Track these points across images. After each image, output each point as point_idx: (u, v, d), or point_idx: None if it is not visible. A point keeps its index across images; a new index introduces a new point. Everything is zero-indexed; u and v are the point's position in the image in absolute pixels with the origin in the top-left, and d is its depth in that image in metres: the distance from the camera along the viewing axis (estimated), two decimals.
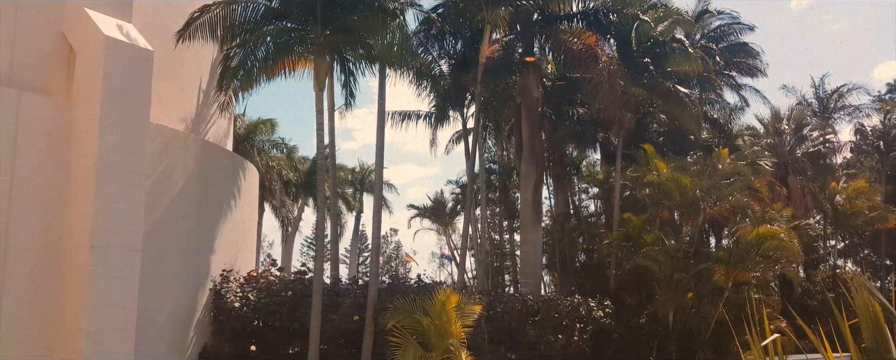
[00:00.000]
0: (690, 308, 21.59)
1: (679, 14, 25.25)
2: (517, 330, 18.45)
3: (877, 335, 3.64)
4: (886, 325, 3.69)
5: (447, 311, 13.77)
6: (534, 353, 18.47)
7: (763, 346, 3.75)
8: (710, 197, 22.45)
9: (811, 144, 34.26)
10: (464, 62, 21.35)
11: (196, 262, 15.69)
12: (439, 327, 13.82)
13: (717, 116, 31.76)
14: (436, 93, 22.80)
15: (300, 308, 15.78)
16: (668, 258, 21.22)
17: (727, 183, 22.44)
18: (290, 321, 15.83)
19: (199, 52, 16.18)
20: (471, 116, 22.16)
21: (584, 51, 20.65)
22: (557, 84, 24.92)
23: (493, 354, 17.69)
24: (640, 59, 22.82)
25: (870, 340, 3.64)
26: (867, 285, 3.76)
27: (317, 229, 16.53)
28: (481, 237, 24.72)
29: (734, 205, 22.77)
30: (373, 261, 17.20)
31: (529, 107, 22.60)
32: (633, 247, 23.02)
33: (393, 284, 18.78)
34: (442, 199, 36.44)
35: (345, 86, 16.45)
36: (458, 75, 21.93)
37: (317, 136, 15.81)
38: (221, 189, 16.86)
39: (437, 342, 13.75)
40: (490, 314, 18.03)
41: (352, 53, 16.36)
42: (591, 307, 20.59)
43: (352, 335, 16.03)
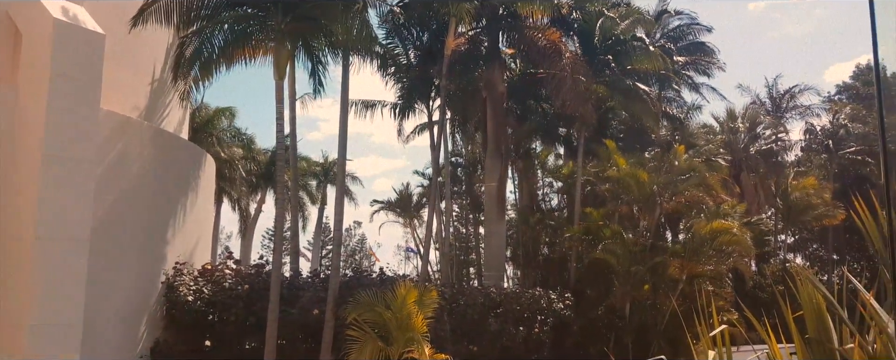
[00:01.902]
0: (646, 300, 21.98)
1: (640, 13, 25.62)
2: (480, 323, 18.50)
3: (819, 327, 3.73)
4: (829, 317, 3.77)
5: (408, 304, 13.68)
6: (495, 345, 18.55)
7: (711, 337, 3.81)
8: (667, 192, 22.87)
9: (764, 142, 35.21)
10: (429, 54, 21.25)
11: (148, 254, 15.22)
12: (401, 320, 13.73)
13: (675, 114, 32.33)
14: (402, 83, 22.66)
15: (257, 302, 15.45)
16: (626, 252, 21.56)
17: (683, 179, 22.89)
18: (247, 316, 15.49)
19: (155, 37, 15.66)
20: (436, 108, 22.08)
21: (549, 47, 20.75)
22: (522, 79, 24.98)
23: (456, 347, 17.67)
24: (602, 56, 23.09)
25: (813, 331, 3.73)
26: (812, 279, 3.82)
27: (276, 222, 16.21)
28: (446, 230, 24.68)
29: (690, 200, 23.25)
30: (334, 254, 16.96)
31: (495, 101, 22.60)
32: (593, 240, 23.33)
33: (355, 277, 18.56)
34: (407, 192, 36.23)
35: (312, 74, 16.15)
36: (424, 67, 21.82)
37: (276, 125, 15.48)
38: (176, 179, 16.39)
39: (399, 336, 13.65)
40: (453, 306, 18.03)
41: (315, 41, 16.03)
42: (551, 299, 20.79)
43: (311, 329, 15.78)
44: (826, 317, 3.73)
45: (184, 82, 15.75)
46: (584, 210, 23.96)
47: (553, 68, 20.90)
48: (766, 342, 3.81)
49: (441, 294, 16.44)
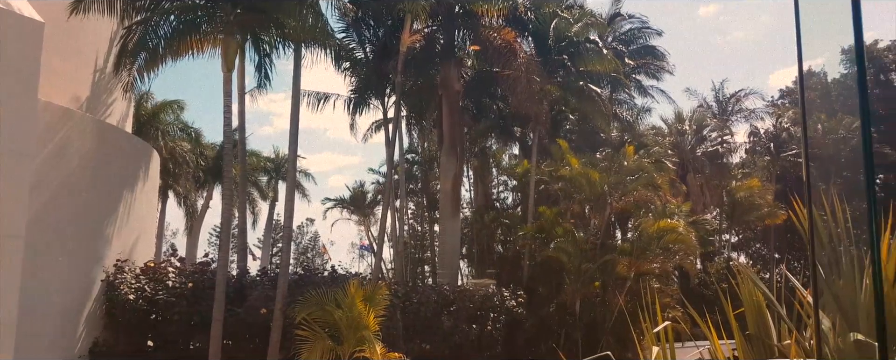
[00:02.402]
0: (596, 298, 22.32)
1: (593, 16, 25.98)
2: (433, 321, 18.46)
3: (759, 323, 3.82)
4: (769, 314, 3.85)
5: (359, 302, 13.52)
6: (448, 343, 18.55)
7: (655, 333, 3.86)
8: (617, 192, 23.26)
9: (710, 144, 36.24)
10: (385, 50, 21.08)
11: (87, 251, 14.64)
12: (351, 318, 13.56)
13: (625, 116, 32.96)
14: (356, 77, 22.41)
15: (202, 301, 15.04)
16: (577, 250, 21.85)
17: (632, 179, 23.33)
18: (191, 315, 15.07)
19: (98, 26, 15.06)
20: (392, 104, 21.92)
21: (504, 46, 20.83)
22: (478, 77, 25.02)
23: (408, 345, 17.59)
24: (556, 57, 23.33)
25: (753, 327, 3.81)
26: (752, 277, 3.89)
27: (222, 218, 15.80)
28: (400, 228, 24.54)
29: (638, 200, 23.71)
30: (284, 251, 16.64)
31: (450, 99, 22.57)
32: (546, 239, 23.57)
33: (305, 275, 18.27)
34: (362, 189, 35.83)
35: (259, 68, 15.78)
36: (380, 62, 21.63)
37: (223, 119, 15.08)
38: (118, 174, 15.81)
39: (349, 335, 13.49)
40: (406, 305, 17.93)
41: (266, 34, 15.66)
42: (504, 296, 20.88)
43: (259, 329, 15.45)
44: (766, 314, 3.81)
45: (127, 73, 15.18)
46: (537, 209, 24.19)
47: (508, 68, 21.01)
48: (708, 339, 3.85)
49: (394, 292, 16.35)
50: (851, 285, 3.57)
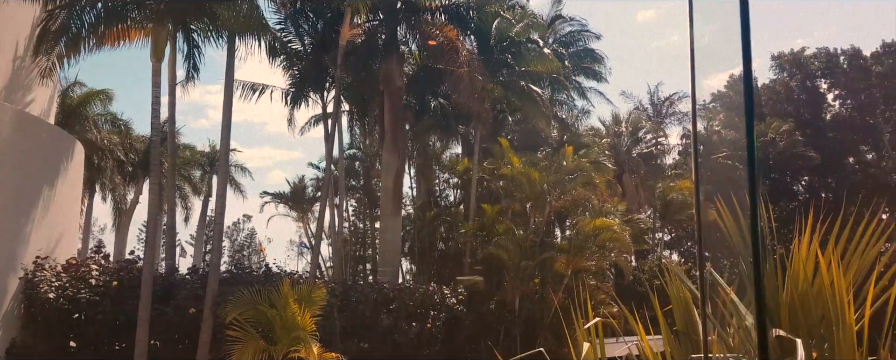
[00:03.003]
0: (535, 294, 22.56)
1: (534, 17, 26.20)
2: (372, 319, 18.26)
3: (686, 319, 3.86)
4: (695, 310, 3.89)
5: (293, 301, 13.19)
6: (387, 342, 18.39)
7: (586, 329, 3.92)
8: (556, 191, 23.57)
9: (645, 145, 37.24)
10: (324, 43, 20.66)
11: (3, 248, 13.78)
12: (286, 318, 13.23)
13: (565, 117, 33.48)
14: (294, 71, 21.90)
15: (128, 300, 14.41)
16: (517, 248, 22.04)
17: (571, 178, 23.69)
18: (116, 315, 14.41)
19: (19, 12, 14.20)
20: (331, 99, 21.54)
21: (446, 43, 20.75)
22: (421, 74, 24.88)
23: (346, 344, 17.32)
24: (498, 56, 23.44)
25: (680, 323, 3.85)
26: (680, 275, 3.99)
27: (149, 214, 15.14)
28: (339, 225, 24.16)
29: (576, 199, 24.10)
30: (214, 248, 16.10)
31: (392, 95, 22.34)
32: (487, 236, 23.68)
33: (237, 273, 17.73)
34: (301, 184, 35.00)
35: (188, 58, 15.17)
36: (319, 56, 21.19)
37: (152, 110, 14.45)
38: (39, 166, 14.96)
39: (283, 335, 13.14)
40: (344, 303, 17.65)
41: (197, 23, 15.07)
42: (444, 294, 20.83)
43: (188, 329, 14.90)
44: (692, 310, 3.86)
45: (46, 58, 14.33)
46: (479, 207, 24.26)
47: (451, 65, 20.94)
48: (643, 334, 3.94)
49: (331, 291, 16.04)
50: (773, 284, 3.63)
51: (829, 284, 3.28)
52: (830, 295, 3.28)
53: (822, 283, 3.34)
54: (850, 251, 3.51)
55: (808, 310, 3.36)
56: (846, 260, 3.49)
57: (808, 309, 3.36)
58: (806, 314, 3.37)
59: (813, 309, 3.35)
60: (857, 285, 3.49)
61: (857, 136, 43.68)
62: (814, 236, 3.47)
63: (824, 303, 3.32)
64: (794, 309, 3.47)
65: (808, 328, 3.35)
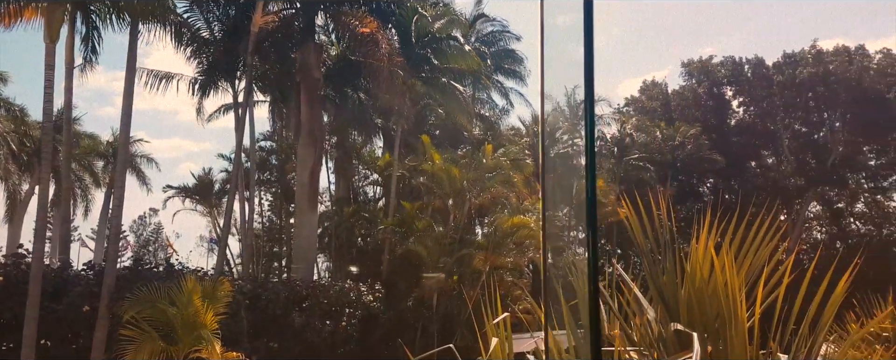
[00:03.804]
0: (453, 291, 22.57)
1: (456, 14, 26.16)
2: (283, 318, 17.72)
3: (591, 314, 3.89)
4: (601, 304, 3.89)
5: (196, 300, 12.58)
6: (299, 340, 17.93)
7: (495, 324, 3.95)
8: (476, 188, 23.68)
9: (562, 146, 38.15)
10: (236, 30, 19.81)
11: None
12: (187, 317, 12.60)
13: (487, 115, 33.75)
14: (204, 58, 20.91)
15: (15, 297, 13.34)
16: (436, 244, 21.98)
17: (490, 176, 23.86)
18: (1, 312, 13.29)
19: None
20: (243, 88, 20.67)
21: (366, 35, 20.33)
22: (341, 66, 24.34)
23: (254, 344, 16.73)
24: (419, 52, 23.26)
25: (586, 317, 3.83)
26: (583, 271, 3.89)
27: (39, 204, 14.05)
28: (249, 220, 23.30)
29: (495, 196, 24.30)
30: (111, 243, 15.17)
31: (309, 86, 21.73)
32: (406, 233, 23.50)
33: (137, 270, 16.76)
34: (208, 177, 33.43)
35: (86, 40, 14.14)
36: (230, 43, 20.29)
37: (44, 95, 13.38)
38: None
39: (185, 334, 12.51)
40: (253, 302, 17.05)
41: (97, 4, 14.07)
42: (361, 291, 20.51)
43: (82, 327, 13.95)
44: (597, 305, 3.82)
45: None
46: (399, 203, 24.03)
47: (371, 58, 20.57)
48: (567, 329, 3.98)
49: (238, 289, 15.45)
50: (673, 281, 3.73)
51: (723, 283, 3.37)
52: (724, 294, 3.37)
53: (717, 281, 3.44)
54: (743, 251, 3.66)
55: (704, 307, 3.45)
56: (740, 260, 3.62)
57: (704, 306, 3.45)
58: (702, 311, 3.46)
59: (708, 306, 3.45)
60: (750, 282, 3.61)
61: (759, 141, 46.35)
62: (711, 237, 3.56)
63: (718, 300, 3.42)
64: (691, 305, 3.54)
65: (704, 324, 3.44)
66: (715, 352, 3.41)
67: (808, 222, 48.14)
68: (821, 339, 3.69)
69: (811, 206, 47.10)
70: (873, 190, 46.74)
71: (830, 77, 43.36)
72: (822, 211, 48.09)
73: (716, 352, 3.41)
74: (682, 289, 3.67)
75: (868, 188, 46.78)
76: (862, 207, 48.03)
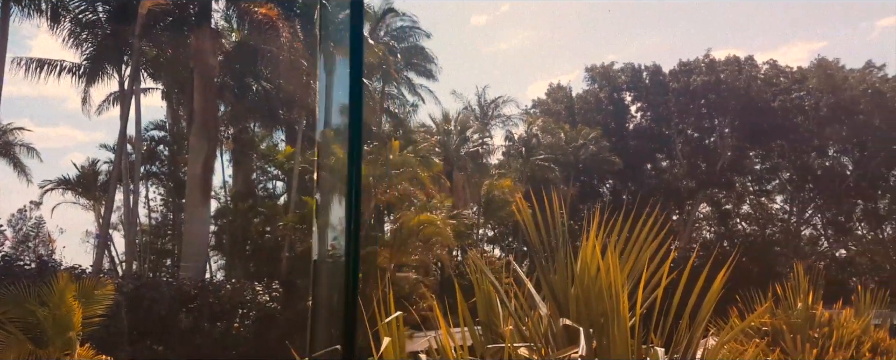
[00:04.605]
0: None
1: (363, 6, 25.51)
2: (168, 319, 16.63)
3: (489, 311, 3.99)
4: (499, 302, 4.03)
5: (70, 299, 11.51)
6: (188, 343, 16.90)
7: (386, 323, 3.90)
8: (382, 184, 23.24)
9: (472, 144, 38.45)
10: (124, 12, 18.39)
11: None
12: (59, 318, 11.50)
13: (397, 111, 33.37)
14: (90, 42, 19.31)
15: None
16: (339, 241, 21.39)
17: (397, 172, 23.49)
18: None
19: None
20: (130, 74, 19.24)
21: (266, 22, 19.43)
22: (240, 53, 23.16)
23: (136, 346, 15.58)
24: None
25: (483, 315, 3.99)
26: (483, 268, 4.09)
27: None
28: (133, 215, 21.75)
29: (402, 193, 23.97)
30: None
31: (204, 74, 20.55)
32: (307, 230, 22.75)
33: (7, 267, 15.26)
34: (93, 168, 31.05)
35: None
36: (118, 26, 18.84)
37: None
38: None
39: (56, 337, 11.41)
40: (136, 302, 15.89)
41: None
42: (257, 291, 19.61)
43: None
44: (495, 303, 4.01)
45: None
46: (301, 198, 23.22)
47: (271, 46, 19.68)
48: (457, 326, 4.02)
49: (119, 288, 14.32)
50: (564, 278, 3.89)
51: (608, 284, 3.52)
52: (607, 292, 3.52)
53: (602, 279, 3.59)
54: (628, 250, 3.88)
55: (590, 303, 3.60)
56: (625, 258, 3.84)
57: (591, 303, 3.60)
58: (589, 307, 3.61)
59: (595, 303, 3.59)
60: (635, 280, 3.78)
61: (655, 145, 48.59)
62: (600, 236, 3.71)
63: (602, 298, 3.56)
64: (580, 302, 3.68)
65: (591, 320, 3.58)
66: (599, 347, 3.52)
67: (698, 223, 50.97)
68: (699, 333, 3.84)
69: (701, 207, 49.88)
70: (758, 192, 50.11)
71: (721, 85, 46.04)
72: (711, 212, 51.07)
73: (600, 347, 3.52)
74: (572, 288, 3.78)
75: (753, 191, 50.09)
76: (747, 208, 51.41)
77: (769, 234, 49.33)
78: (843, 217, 47.20)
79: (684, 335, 3.80)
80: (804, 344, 6.88)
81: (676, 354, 3.82)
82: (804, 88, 45.28)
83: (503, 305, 3.99)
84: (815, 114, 44.35)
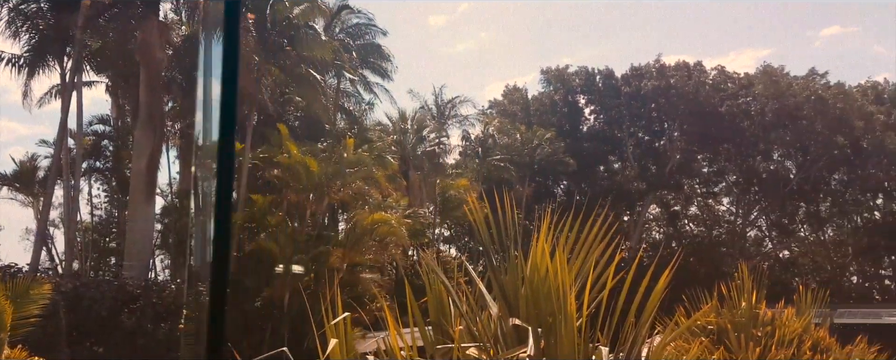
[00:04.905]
0: (308, 290, 21.69)
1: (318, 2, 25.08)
2: (110, 320, 16.04)
3: (439, 311, 4.03)
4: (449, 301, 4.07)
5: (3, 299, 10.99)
6: (130, 344, 16.36)
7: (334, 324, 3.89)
8: (336, 183, 22.91)
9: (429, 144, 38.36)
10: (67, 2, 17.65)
11: None
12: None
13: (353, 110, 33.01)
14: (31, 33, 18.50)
15: None
16: (290, 241, 21.00)
17: (352, 171, 23.19)
18: None
19: None
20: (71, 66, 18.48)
21: None
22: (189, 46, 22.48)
23: (75, 348, 14.99)
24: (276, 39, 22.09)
25: (434, 315, 4.04)
26: (434, 268, 4.18)
27: None
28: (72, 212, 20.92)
29: (356, 192, 23.69)
30: None
31: (151, 67, 19.92)
32: (257, 228, 22.27)
33: None
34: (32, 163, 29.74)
35: None
36: (60, 17, 18.09)
37: None
38: None
39: None
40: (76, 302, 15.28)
41: None
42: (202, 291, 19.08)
43: None
44: (446, 303, 4.04)
45: None
46: (249, 196, 22.70)
47: None
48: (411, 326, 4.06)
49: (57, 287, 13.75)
50: (515, 278, 3.93)
51: (556, 286, 3.56)
52: (555, 292, 3.55)
53: (550, 279, 3.63)
54: (577, 250, 3.95)
55: (539, 304, 3.64)
56: (574, 258, 3.91)
57: (540, 303, 3.64)
58: (538, 307, 3.65)
59: (544, 303, 3.62)
60: (583, 279, 3.84)
61: (608, 147, 49.41)
62: (549, 237, 3.76)
63: (551, 298, 3.60)
64: (529, 302, 3.72)
65: (539, 320, 3.61)
66: (547, 346, 3.53)
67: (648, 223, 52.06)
68: (644, 331, 3.90)
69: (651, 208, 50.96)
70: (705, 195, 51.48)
71: (671, 90, 47.09)
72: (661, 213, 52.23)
73: (548, 346, 3.53)
74: (523, 288, 3.81)
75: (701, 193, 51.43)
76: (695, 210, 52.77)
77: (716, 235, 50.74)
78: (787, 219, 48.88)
79: (629, 333, 3.86)
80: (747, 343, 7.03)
81: (622, 352, 3.87)
82: (750, 93, 46.69)
83: (456, 305, 4.00)
84: (761, 119, 45.77)
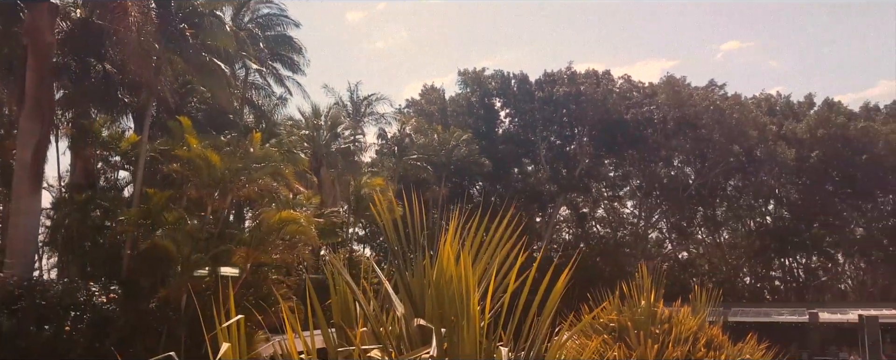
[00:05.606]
0: (206, 291, 20.70)
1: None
2: None
3: (344, 313, 4.07)
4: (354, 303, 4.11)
5: None
6: (10, 348, 15.20)
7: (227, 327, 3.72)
8: (241, 179, 22.00)
9: (343, 141, 37.73)
10: None
11: None
12: None
13: (262, 103, 31.93)
14: None
15: None
16: (189, 239, 19.95)
17: (258, 167, 22.34)
18: None
19: None
20: None
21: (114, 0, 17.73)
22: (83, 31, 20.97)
23: None
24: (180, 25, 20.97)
25: (338, 316, 4.05)
26: (340, 269, 4.16)
27: None
28: None
29: (263, 188, 22.85)
30: None
31: (39, 52, 18.43)
32: (153, 225, 21.03)
33: None
34: None
35: None
36: None
37: None
38: None
39: None
40: None
41: None
42: (91, 291, 17.86)
43: None
44: (350, 304, 4.07)
45: None
46: (145, 191, 21.41)
47: (118, 24, 18.00)
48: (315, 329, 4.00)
49: None
50: (420, 280, 4.01)
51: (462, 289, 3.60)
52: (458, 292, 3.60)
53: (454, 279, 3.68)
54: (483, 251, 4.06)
55: (444, 304, 3.69)
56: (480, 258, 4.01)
57: (444, 303, 3.69)
58: (443, 307, 3.69)
59: (448, 304, 3.67)
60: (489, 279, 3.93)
61: (522, 150, 50.43)
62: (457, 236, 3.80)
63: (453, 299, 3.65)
64: (434, 302, 3.75)
65: (444, 320, 3.65)
66: (451, 346, 3.58)
67: (559, 224, 53.48)
68: (545, 328, 3.98)
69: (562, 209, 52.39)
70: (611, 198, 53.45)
71: (581, 97, 48.64)
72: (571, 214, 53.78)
73: (451, 345, 3.58)
74: (428, 290, 3.84)
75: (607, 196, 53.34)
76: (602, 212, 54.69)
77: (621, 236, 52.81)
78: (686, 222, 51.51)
79: (531, 331, 3.96)
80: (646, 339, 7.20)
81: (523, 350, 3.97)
82: (654, 102, 48.91)
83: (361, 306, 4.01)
84: (663, 127, 48.01)
